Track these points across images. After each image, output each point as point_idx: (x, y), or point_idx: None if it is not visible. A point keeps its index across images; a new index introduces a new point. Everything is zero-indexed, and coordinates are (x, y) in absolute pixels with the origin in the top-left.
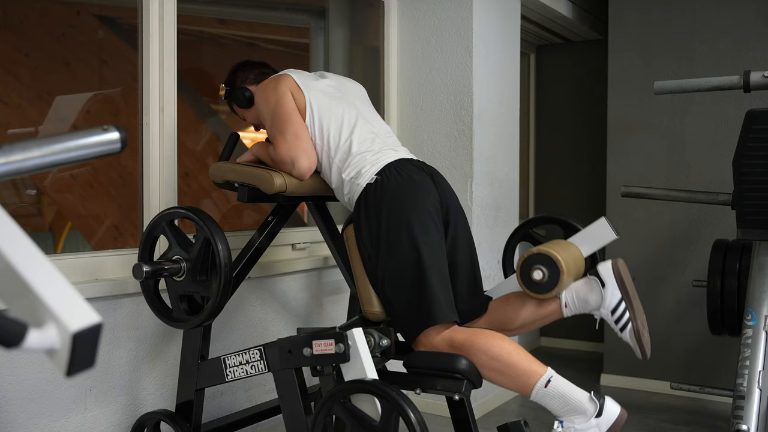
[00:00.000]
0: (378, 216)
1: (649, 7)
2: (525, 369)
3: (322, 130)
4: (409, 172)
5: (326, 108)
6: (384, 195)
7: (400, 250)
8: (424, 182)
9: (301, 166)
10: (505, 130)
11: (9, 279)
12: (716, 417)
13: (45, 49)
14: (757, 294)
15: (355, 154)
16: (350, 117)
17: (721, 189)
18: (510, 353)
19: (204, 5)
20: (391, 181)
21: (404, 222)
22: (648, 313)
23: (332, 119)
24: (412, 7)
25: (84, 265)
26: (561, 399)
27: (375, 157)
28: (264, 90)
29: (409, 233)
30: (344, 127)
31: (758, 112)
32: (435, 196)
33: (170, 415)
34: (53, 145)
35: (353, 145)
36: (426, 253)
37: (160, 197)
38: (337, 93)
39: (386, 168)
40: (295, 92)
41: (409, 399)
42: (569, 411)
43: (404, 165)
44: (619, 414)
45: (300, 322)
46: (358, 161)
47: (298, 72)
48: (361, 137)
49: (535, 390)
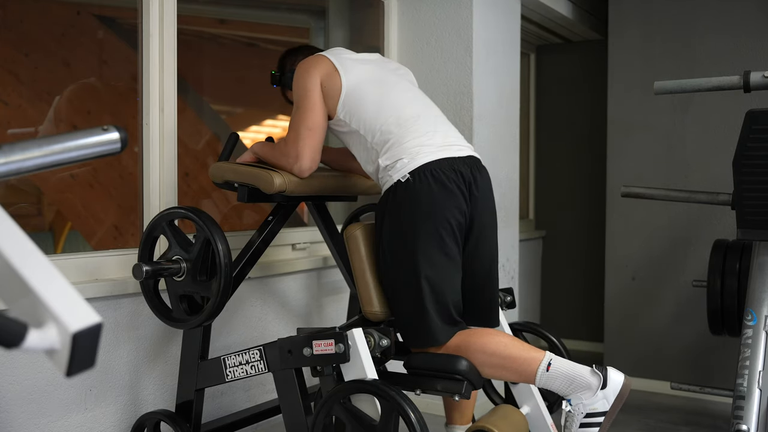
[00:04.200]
0: (398, 218)
1: (649, 7)
2: (524, 358)
3: (361, 112)
4: (443, 180)
5: (366, 89)
6: (406, 199)
7: (401, 263)
8: (451, 195)
9: (303, 162)
10: (505, 130)
11: (9, 279)
12: (716, 417)
13: (45, 49)
14: (757, 294)
15: (394, 142)
16: (393, 100)
17: (721, 189)
18: (506, 346)
19: (204, 5)
20: (418, 185)
21: (411, 234)
22: (648, 313)
23: (372, 100)
24: (412, 7)
25: (84, 265)
26: (565, 378)
27: (415, 150)
28: (298, 72)
29: (413, 248)
30: (384, 110)
31: (758, 112)
32: (461, 208)
33: (170, 415)
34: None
35: (393, 133)
36: (426, 271)
37: (160, 197)
38: (381, 71)
39: (421, 169)
40: (330, 76)
41: (409, 399)
42: (575, 388)
43: (443, 168)
44: (624, 382)
45: (300, 322)
46: (396, 151)
47: (337, 52)
48: (404, 125)
49: (538, 375)
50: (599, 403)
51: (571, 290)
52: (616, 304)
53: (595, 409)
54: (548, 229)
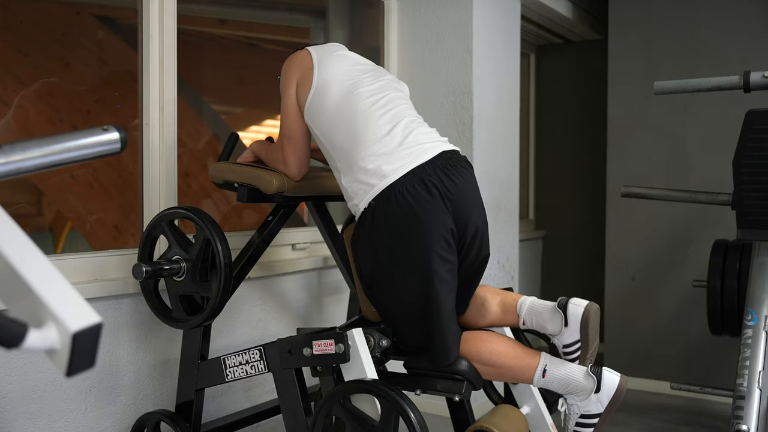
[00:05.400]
0: (380, 247)
1: (649, 7)
2: (518, 366)
3: (318, 116)
4: (418, 195)
5: (333, 90)
6: (385, 226)
7: (405, 287)
8: (433, 207)
9: (291, 170)
10: (505, 130)
11: (9, 279)
12: (716, 417)
13: (45, 49)
14: (757, 294)
15: (357, 159)
16: (352, 101)
17: (721, 189)
18: (500, 355)
19: (204, 5)
20: (390, 210)
21: (413, 255)
22: (648, 313)
23: (330, 105)
24: (412, 7)
25: (84, 265)
26: (560, 383)
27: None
28: (283, 68)
29: (418, 268)
30: (339, 115)
31: (758, 112)
32: (447, 217)
33: (170, 415)
34: (53, 145)
35: (356, 147)
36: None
37: (160, 197)
38: (359, 76)
39: (386, 191)
40: (305, 74)
41: (409, 399)
42: (571, 390)
43: (410, 186)
44: (619, 383)
45: (300, 322)
46: (353, 170)
47: (321, 48)
48: (362, 135)
49: (535, 382)
50: (593, 406)
51: (571, 290)
52: (616, 304)
53: (589, 411)
54: (548, 229)
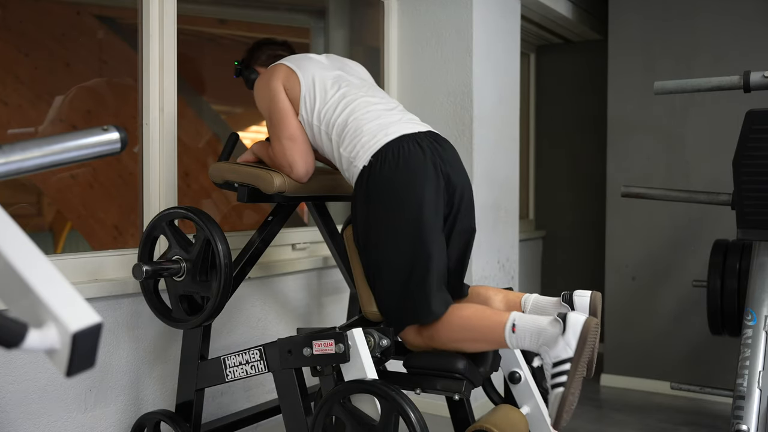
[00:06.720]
0: (377, 201)
1: (649, 7)
2: (488, 326)
3: (320, 107)
4: (408, 155)
5: (322, 85)
6: (381, 180)
7: (397, 240)
8: (426, 165)
9: (298, 170)
10: (505, 131)
11: (9, 279)
12: (716, 417)
13: (45, 49)
14: (757, 294)
15: (351, 129)
16: (348, 91)
17: (721, 189)
18: (469, 318)
19: (204, 5)
20: (387, 165)
21: (407, 208)
22: (648, 313)
23: (329, 94)
24: (412, 7)
25: (84, 265)
26: (531, 334)
27: (374, 135)
28: (258, 86)
29: (412, 221)
30: (341, 102)
31: (758, 112)
32: (439, 177)
33: (170, 415)
34: (53, 145)
35: (349, 120)
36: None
37: (160, 197)
38: (334, 69)
39: (384, 148)
40: (290, 79)
41: (409, 398)
42: (543, 341)
43: (405, 144)
44: (584, 322)
45: (300, 322)
46: (353, 138)
47: (293, 57)
48: (360, 112)
49: (507, 339)
50: (562, 351)
51: (571, 290)
52: (616, 304)
53: (558, 357)
54: (548, 229)
